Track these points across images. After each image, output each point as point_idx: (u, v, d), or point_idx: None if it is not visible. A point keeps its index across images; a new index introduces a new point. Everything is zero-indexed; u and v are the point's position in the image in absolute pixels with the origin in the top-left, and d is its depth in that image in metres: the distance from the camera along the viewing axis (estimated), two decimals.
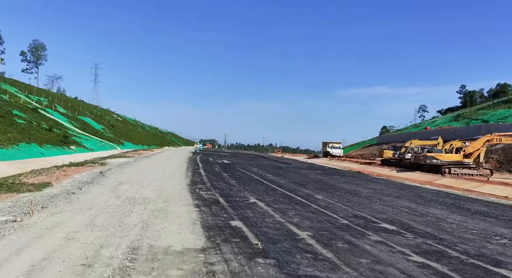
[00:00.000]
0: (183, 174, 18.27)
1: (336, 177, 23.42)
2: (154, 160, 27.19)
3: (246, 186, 15.07)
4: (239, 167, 25.64)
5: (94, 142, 49.99)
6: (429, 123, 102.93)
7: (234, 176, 19.29)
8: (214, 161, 30.90)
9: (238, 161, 33.39)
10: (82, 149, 41.30)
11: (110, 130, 71.68)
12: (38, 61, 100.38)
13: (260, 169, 25.27)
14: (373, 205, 12.28)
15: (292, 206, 10.92)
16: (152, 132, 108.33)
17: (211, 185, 14.79)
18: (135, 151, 40.57)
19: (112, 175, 15.28)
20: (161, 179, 15.25)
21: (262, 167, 27.46)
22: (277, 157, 57.32)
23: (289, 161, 41.82)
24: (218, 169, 23.15)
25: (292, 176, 21.35)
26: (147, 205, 9.51)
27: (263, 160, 40.65)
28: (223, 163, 29.75)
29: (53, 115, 56.53)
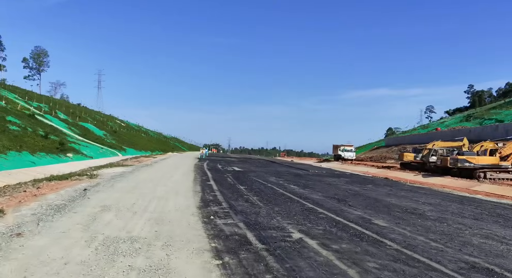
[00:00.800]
0: (190, 188, 14.29)
1: (369, 187, 19.40)
2: (156, 169, 23.26)
3: (275, 206, 11.10)
4: (254, 176, 21.65)
5: (94, 148, 46.32)
6: (438, 124, 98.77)
7: (253, 189, 15.30)
8: (224, 169, 26.97)
9: (250, 168, 29.47)
10: (80, 157, 37.52)
11: (112, 136, 68.05)
12: (40, 68, 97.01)
13: (279, 178, 21.30)
14: (465, 237, 8.29)
15: (359, 246, 6.94)
16: (155, 138, 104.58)
17: (228, 205, 10.82)
18: (136, 158, 36.77)
19: (97, 194, 11.32)
20: (162, 198, 11.28)
21: (280, 175, 23.49)
22: (287, 162, 53.29)
23: (304, 166, 37.86)
24: (231, 179, 19.16)
25: (321, 187, 17.33)
26: (135, 257, 5.56)
27: (275, 165, 36.69)
28: (234, 170, 25.79)
29: (52, 122, 52.94)
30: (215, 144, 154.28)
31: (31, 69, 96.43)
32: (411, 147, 75.09)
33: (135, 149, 63.34)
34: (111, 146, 54.44)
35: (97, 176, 17.01)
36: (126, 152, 55.30)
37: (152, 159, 34.84)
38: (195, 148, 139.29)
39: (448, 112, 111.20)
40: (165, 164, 28.01)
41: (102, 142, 55.64)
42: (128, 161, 30.17)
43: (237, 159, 47.46)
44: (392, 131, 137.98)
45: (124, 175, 17.84)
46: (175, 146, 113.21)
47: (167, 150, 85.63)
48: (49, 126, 47.57)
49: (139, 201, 10.46)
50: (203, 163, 31.14)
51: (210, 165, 29.71)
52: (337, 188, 17.51)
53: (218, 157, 51.57)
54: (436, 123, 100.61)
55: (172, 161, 32.38)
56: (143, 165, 25.86)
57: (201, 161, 35.26)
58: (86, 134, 56.03)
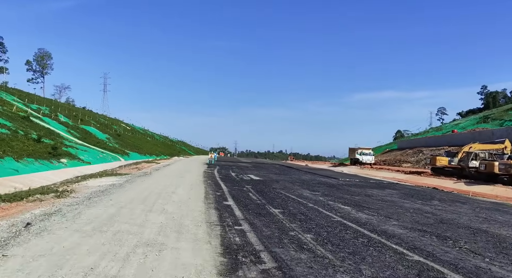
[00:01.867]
0: (202, 216, 9.01)
1: (436, 203, 14.13)
2: (155, 179, 17.99)
3: (357, 260, 5.86)
4: (281, 189, 16.34)
5: (93, 153, 41.27)
6: (452, 126, 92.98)
7: (294, 214, 10.00)
8: (239, 177, 21.67)
9: (269, 176, 24.25)
10: (76, 162, 32.45)
11: (115, 140, 63.15)
12: (44, 71, 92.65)
13: (313, 191, 16.01)
14: None
15: None
16: (161, 142, 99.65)
17: (274, 260, 5.60)
18: (136, 163, 31.71)
19: (36, 239, 6.05)
20: (152, 247, 6.05)
21: (310, 186, 18.22)
22: (303, 166, 47.91)
23: (326, 172, 32.63)
24: (254, 194, 13.83)
25: (379, 207, 12.05)
26: None
27: (295, 172, 31.38)
28: (252, 180, 20.48)
29: (49, 124, 48.01)
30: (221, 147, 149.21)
31: (34, 72, 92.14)
32: (427, 149, 69.50)
33: (139, 153, 58.42)
34: (113, 150, 49.48)
35: (72, 192, 11.85)
36: (129, 156, 50.37)
37: (154, 165, 29.71)
38: (201, 152, 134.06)
39: (461, 114, 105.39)
40: (168, 172, 22.83)
41: (104, 145, 50.74)
42: (124, 168, 25.10)
43: (249, 164, 42.08)
44: (401, 133, 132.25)
45: (110, 191, 12.65)
46: (182, 149, 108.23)
47: (173, 154, 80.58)
48: (45, 129, 42.70)
49: (105, 258, 5.24)
50: (213, 170, 25.99)
51: (222, 173, 24.49)
52: (401, 208, 12.23)
53: (228, 162, 46.23)
54: (450, 125, 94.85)
55: (177, 167, 27.39)
56: (142, 174, 20.66)
57: (210, 166, 30.13)
58: (87, 138, 51.22)
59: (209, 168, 27.82)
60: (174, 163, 34.33)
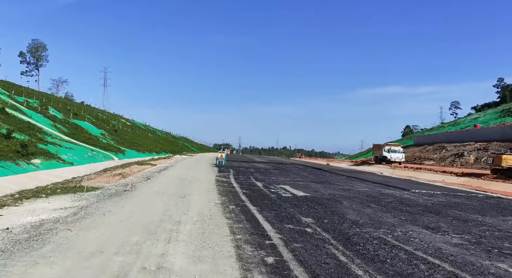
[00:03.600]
0: None
1: None
2: (133, 206, 9.47)
3: None
4: (372, 226, 8.19)
5: (81, 151, 33.08)
6: (471, 120, 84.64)
7: None
8: (275, 194, 12.95)
9: (310, 186, 16.11)
10: (54, 163, 24.29)
11: (111, 136, 54.87)
12: (38, 63, 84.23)
13: (430, 229, 7.93)
14: None
15: None
16: (163, 138, 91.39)
17: None
18: (123, 167, 23.24)
19: None
20: None
21: (404, 213, 10.07)
22: (327, 166, 39.60)
23: (371, 177, 24.31)
24: (340, 253, 5.69)
25: None
26: None
27: (335, 177, 22.99)
28: (297, 198, 12.04)
29: (31, 118, 39.70)
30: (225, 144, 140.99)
31: (28, 64, 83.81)
32: (450, 145, 61.05)
33: (137, 150, 50.27)
34: (105, 148, 41.20)
35: None
36: (124, 155, 42.26)
37: (148, 168, 21.40)
38: (205, 148, 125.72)
39: (476, 108, 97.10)
40: (163, 185, 14.40)
41: (95, 142, 42.44)
42: (102, 176, 16.79)
43: (267, 165, 33.39)
44: (410, 129, 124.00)
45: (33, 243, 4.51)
46: (184, 146, 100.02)
47: (175, 151, 72.37)
48: (23, 123, 34.40)
49: None
50: (227, 175, 17.92)
51: (241, 181, 16.17)
52: None
53: (239, 161, 37.70)
54: (468, 119, 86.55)
55: (177, 173, 18.92)
56: (119, 189, 12.31)
57: (221, 170, 22.08)
58: (76, 134, 42.92)
59: (221, 173, 19.84)
60: (174, 165, 26.04)
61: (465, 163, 50.32)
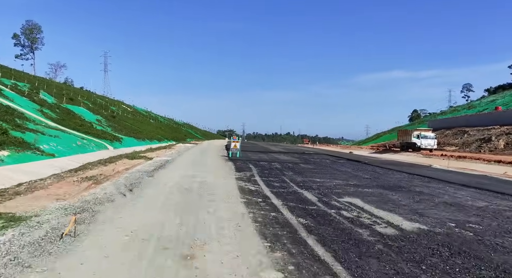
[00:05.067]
0: None
1: None
2: None
3: None
4: None
5: (69, 139, 26.65)
6: (487, 103, 77.80)
7: None
8: (352, 218, 7.11)
9: (374, 191, 10.04)
10: (28, 155, 17.80)
11: (108, 122, 48.35)
12: (33, 45, 76.96)
13: None
14: None
15: None
16: (165, 124, 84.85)
17: None
18: (111, 161, 16.85)
19: None
20: None
21: None
22: (361, 157, 33.08)
23: (421, 171, 17.97)
24: None
25: None
26: None
27: (382, 171, 16.82)
28: (411, 239, 5.97)
29: (13, 102, 33.18)
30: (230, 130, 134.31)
31: (23, 47, 76.56)
32: (472, 130, 54.56)
33: (136, 138, 43.91)
34: (99, 135, 34.64)
35: None
36: (121, 143, 35.92)
37: (140, 164, 15.10)
38: (209, 135, 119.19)
39: (489, 90, 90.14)
40: (150, 202, 7.57)
41: (88, 129, 35.87)
42: (53, 186, 10.25)
43: (288, 155, 26.70)
44: (417, 113, 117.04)
45: None
46: (188, 132, 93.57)
47: (178, 138, 66.00)
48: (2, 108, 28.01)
49: None
50: (253, 178, 11.60)
51: (279, 190, 9.67)
52: None
53: (253, 151, 30.86)
54: (484, 102, 79.70)
55: (177, 176, 12.23)
56: (43, 239, 5.95)
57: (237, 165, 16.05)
58: (66, 120, 36.36)
59: (241, 173, 13.66)
60: (175, 159, 19.27)
61: (494, 148, 44.07)
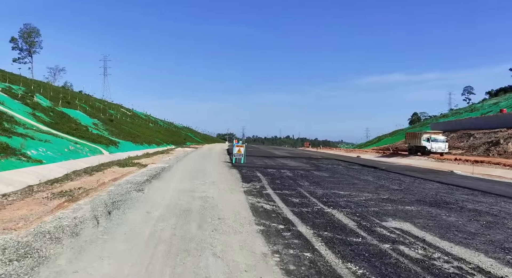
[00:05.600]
0: None
1: None
2: None
3: None
4: None
5: (60, 144, 24.38)
6: (491, 105, 75.84)
7: None
8: (429, 267, 4.71)
9: (421, 210, 7.87)
10: (12, 162, 15.40)
11: (105, 126, 46.11)
12: (31, 49, 74.80)
13: None
14: None
15: None
16: (165, 128, 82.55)
17: None
18: (99, 169, 14.54)
19: None
20: None
21: None
22: (375, 162, 30.80)
23: (450, 179, 15.65)
24: None
25: None
26: None
27: (406, 179, 14.54)
28: None
29: (3, 105, 31.08)
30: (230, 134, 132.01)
31: (21, 51, 74.37)
32: (478, 133, 52.63)
33: (134, 142, 41.65)
34: (95, 139, 32.38)
35: None
36: (118, 147, 33.70)
37: (129, 175, 12.68)
38: (209, 139, 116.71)
39: (490, 93, 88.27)
40: (132, 237, 5.54)
41: (83, 133, 33.60)
42: (15, 206, 7.96)
43: (296, 161, 24.29)
44: (417, 116, 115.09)
45: None
46: (187, 136, 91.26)
47: (178, 142, 63.75)
48: None
49: None
50: (264, 190, 9.35)
51: (301, 209, 7.36)
52: None
53: (257, 156, 28.26)
54: (487, 104, 77.75)
55: (173, 189, 9.86)
56: None
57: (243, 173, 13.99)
58: (59, 123, 34.13)
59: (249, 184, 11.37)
60: (172, 166, 16.51)
61: (503, 152, 42.03)
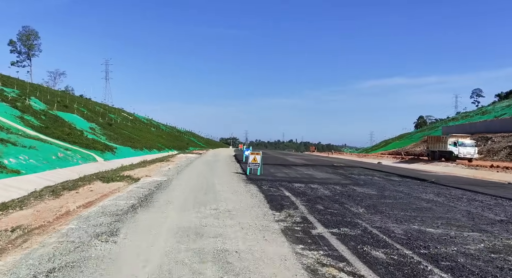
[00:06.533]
0: None
1: None
2: None
3: None
4: None
5: (48, 150, 20.46)
6: (503, 108, 71.80)
7: None
8: None
9: None
10: None
11: (103, 130, 42.29)
12: (30, 52, 71.30)
13: None
14: None
15: None
16: (167, 132, 78.68)
17: None
18: (85, 181, 10.88)
19: None
20: None
21: None
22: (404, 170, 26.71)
23: None
24: None
25: None
26: None
27: (497, 202, 10.66)
28: None
29: None
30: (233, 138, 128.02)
31: (19, 54, 70.90)
32: (496, 136, 48.73)
33: (133, 147, 37.81)
34: (89, 145, 28.44)
35: None
36: (115, 154, 29.84)
37: (114, 194, 9.02)
38: (212, 143, 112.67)
39: (500, 95, 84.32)
40: None
41: (77, 138, 29.69)
42: None
43: (319, 170, 19.79)
44: (423, 120, 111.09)
45: None
46: (190, 141, 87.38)
47: (180, 147, 59.82)
48: None
49: None
50: (323, 234, 5.49)
51: None
52: None
53: (271, 164, 23.47)
54: (499, 107, 73.66)
55: (168, 233, 5.59)
56: None
57: (269, 195, 9.94)
58: (50, 128, 30.29)
59: (278, 211, 7.63)
60: (174, 180, 13.44)
61: None
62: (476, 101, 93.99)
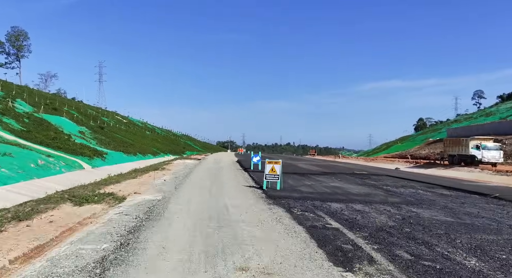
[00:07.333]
0: None
1: None
2: None
3: None
4: None
5: (26, 157, 16.76)
6: (508, 109, 69.46)
7: None
8: None
9: None
10: None
11: (94, 134, 38.83)
12: (19, 53, 67.61)
13: None
14: None
15: None
16: (163, 136, 75.09)
17: None
18: (50, 204, 7.80)
19: None
20: None
21: None
22: (435, 178, 23.57)
23: None
24: None
25: None
26: None
27: None
28: None
29: None
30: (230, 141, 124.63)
31: (8, 55, 67.16)
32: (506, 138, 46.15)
33: (125, 152, 34.45)
34: (75, 150, 24.94)
35: None
36: (105, 160, 26.46)
37: (68, 237, 6.07)
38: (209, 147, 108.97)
39: (502, 97, 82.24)
40: None
41: (62, 143, 26.20)
42: None
43: (339, 180, 16.04)
44: (423, 122, 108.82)
45: None
46: (187, 144, 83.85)
47: (176, 151, 56.39)
48: None
49: None
50: None
51: None
52: None
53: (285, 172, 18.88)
54: (504, 108, 71.41)
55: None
56: None
57: (305, 222, 6.94)
58: (32, 131, 26.89)
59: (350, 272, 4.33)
60: (170, 200, 9.54)
61: None
62: (478, 103, 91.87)
